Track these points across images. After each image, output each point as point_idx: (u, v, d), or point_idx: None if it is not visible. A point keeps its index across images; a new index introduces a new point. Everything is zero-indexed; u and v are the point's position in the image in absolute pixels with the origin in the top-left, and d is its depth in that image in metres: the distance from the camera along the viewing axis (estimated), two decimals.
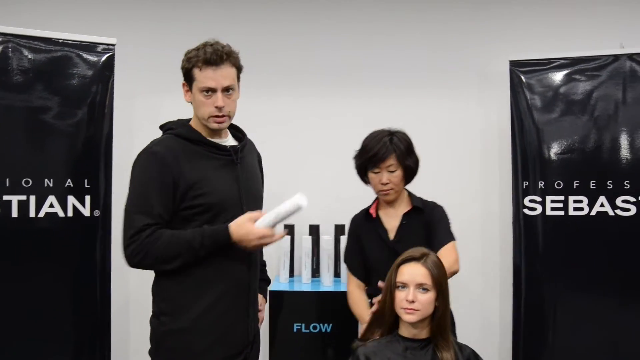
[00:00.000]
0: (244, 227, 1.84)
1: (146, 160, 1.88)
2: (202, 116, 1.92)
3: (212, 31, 2.07)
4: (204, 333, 1.88)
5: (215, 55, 1.87)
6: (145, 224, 1.82)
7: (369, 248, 2.34)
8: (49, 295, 2.53)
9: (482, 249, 3.29)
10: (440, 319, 1.93)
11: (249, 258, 1.98)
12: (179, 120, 2.02)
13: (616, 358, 2.80)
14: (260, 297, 2.16)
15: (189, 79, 1.92)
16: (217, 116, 1.91)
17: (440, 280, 1.91)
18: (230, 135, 2.07)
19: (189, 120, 2.01)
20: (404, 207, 2.32)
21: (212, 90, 1.89)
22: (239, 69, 1.95)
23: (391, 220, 2.32)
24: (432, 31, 3.29)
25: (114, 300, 2.73)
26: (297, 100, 3.29)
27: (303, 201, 1.84)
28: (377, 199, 2.37)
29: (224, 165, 1.95)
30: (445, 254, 2.13)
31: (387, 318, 1.99)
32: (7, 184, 2.45)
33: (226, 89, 1.90)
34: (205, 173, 1.90)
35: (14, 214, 2.46)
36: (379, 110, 3.28)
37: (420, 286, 1.90)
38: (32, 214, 2.49)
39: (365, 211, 2.38)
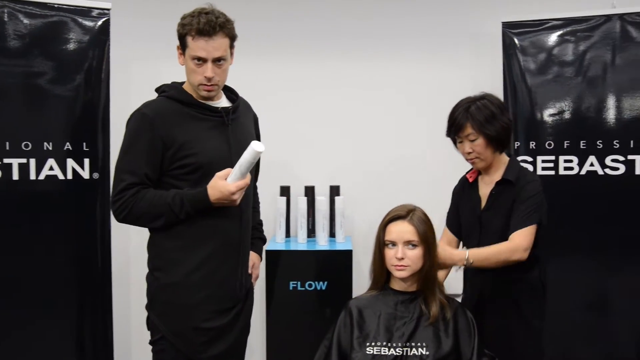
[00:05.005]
0: (217, 187, 1.88)
1: (135, 122, 1.94)
2: (192, 83, 1.97)
3: None
4: (196, 288, 1.96)
5: (208, 26, 1.88)
6: (130, 183, 1.89)
7: (462, 212, 2.31)
8: (52, 256, 2.60)
9: None
10: (428, 273, 2.01)
11: (241, 218, 2.04)
12: (172, 83, 2.07)
13: (607, 317, 2.88)
14: (254, 255, 2.23)
15: (182, 44, 1.95)
16: (205, 84, 1.95)
17: (426, 235, 1.98)
18: (224, 97, 2.10)
19: (183, 83, 2.05)
20: (498, 176, 2.20)
21: (203, 60, 1.92)
22: (232, 38, 1.97)
23: (486, 188, 2.23)
24: None
25: (115, 259, 2.80)
26: (290, 67, 3.32)
27: (259, 147, 1.85)
28: None
29: (214, 127, 2.00)
30: (512, 239, 2.08)
31: (378, 275, 2.08)
32: (7, 147, 2.51)
33: (217, 59, 1.93)
34: (196, 134, 1.95)
35: (15, 176, 2.52)
36: (372, 74, 3.32)
37: (408, 243, 1.97)
38: (32, 176, 2.55)
39: (464, 176, 2.33)
